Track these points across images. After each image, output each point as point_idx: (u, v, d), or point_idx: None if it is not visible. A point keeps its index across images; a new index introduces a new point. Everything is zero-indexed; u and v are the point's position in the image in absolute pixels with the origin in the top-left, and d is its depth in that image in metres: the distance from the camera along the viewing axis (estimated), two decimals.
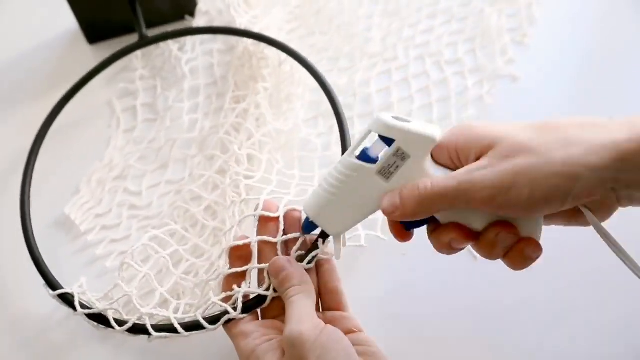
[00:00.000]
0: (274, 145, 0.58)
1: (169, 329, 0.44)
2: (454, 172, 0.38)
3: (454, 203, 0.38)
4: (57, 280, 0.49)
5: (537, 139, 0.36)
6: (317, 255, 0.44)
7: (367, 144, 0.40)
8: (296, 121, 0.61)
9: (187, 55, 0.68)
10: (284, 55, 0.60)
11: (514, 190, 0.35)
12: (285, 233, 0.45)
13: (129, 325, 0.45)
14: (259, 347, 0.41)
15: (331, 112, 0.60)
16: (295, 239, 0.45)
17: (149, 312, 0.45)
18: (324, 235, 0.44)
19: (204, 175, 0.57)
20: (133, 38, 0.64)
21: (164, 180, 0.60)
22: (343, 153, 0.47)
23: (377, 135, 0.39)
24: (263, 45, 0.60)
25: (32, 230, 0.52)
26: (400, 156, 0.39)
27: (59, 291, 0.47)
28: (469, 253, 0.51)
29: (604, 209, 0.37)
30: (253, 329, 0.42)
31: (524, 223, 0.39)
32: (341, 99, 0.61)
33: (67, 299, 0.47)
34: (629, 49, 0.63)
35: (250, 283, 0.45)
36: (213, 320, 0.44)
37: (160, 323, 0.45)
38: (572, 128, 0.36)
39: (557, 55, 0.64)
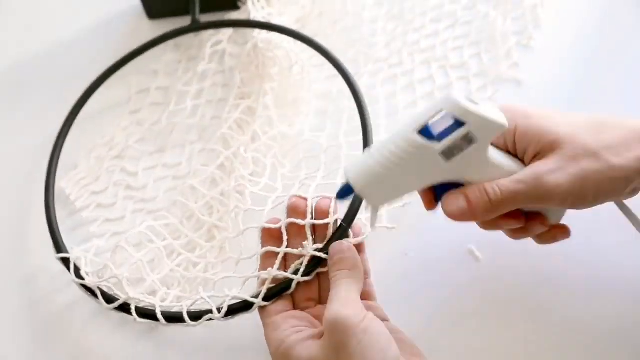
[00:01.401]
0: (280, 150, 0.58)
1: (152, 315, 0.46)
2: (521, 175, 0.40)
3: (525, 205, 0.41)
4: (64, 245, 0.51)
5: (598, 142, 0.40)
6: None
7: (431, 120, 0.39)
8: (302, 127, 0.61)
9: (216, 37, 0.68)
10: (294, 57, 0.60)
11: (582, 192, 0.39)
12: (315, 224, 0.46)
13: (116, 305, 0.46)
14: (288, 337, 0.41)
15: (338, 119, 0.61)
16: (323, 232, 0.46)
17: (135, 297, 0.46)
18: (349, 221, 0.45)
19: (205, 171, 0.57)
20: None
21: (161, 163, 0.60)
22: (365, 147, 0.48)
23: (444, 112, 0.38)
24: (274, 44, 0.61)
25: (53, 199, 0.55)
26: (468, 140, 0.38)
27: (61, 255, 0.50)
28: (470, 254, 0.51)
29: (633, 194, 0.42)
30: (284, 319, 0.43)
31: (553, 212, 0.43)
32: (347, 105, 0.61)
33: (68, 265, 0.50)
34: (635, 51, 0.63)
35: (242, 288, 0.46)
36: (196, 316, 0.45)
37: (146, 307, 0.46)
38: (628, 132, 0.40)
39: (562, 58, 0.64)
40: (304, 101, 0.63)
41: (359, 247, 0.46)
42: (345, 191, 0.42)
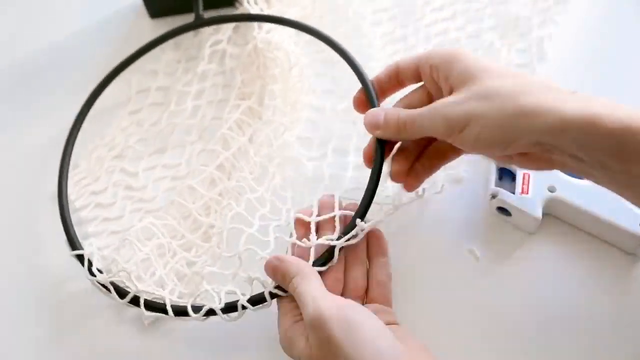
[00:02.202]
0: (281, 158, 0.58)
1: (161, 308, 0.47)
2: (427, 106, 0.43)
3: (422, 131, 0.43)
4: (78, 241, 0.52)
5: (500, 88, 0.40)
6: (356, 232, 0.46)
7: None
8: (298, 134, 0.61)
9: (215, 37, 0.67)
10: (294, 59, 0.60)
11: (467, 129, 0.40)
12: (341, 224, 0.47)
13: (127, 299, 0.48)
14: (291, 326, 0.41)
15: (326, 139, 0.60)
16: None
17: (145, 290, 0.48)
18: (362, 215, 0.46)
19: (204, 171, 0.56)
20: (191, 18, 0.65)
21: (161, 164, 0.60)
22: None
23: None
24: (274, 45, 0.61)
25: (66, 194, 0.56)
26: None
27: (76, 252, 0.51)
28: (470, 254, 0.51)
29: (540, 162, 0.42)
30: (292, 307, 0.43)
31: None
32: (339, 126, 0.61)
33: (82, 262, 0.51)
34: None
35: (252, 288, 0.46)
36: (197, 309, 0.46)
37: (154, 300, 0.48)
38: (539, 88, 0.39)
39: None
40: (303, 105, 0.62)
41: (380, 249, 0.48)
42: None
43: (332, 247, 0.45)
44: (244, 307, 0.45)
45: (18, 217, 0.59)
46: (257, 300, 0.45)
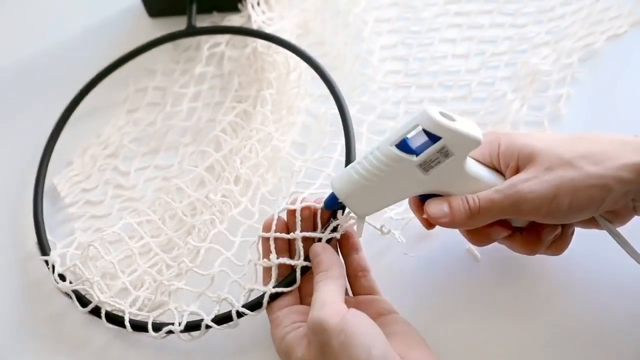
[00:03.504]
0: (268, 165, 0.57)
1: (120, 322, 0.47)
2: (499, 187, 0.42)
3: (502, 215, 0.42)
4: (49, 247, 0.54)
5: (573, 152, 0.41)
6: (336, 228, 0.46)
7: (408, 134, 0.41)
8: (290, 139, 0.59)
9: (214, 39, 0.67)
10: (293, 64, 0.60)
11: (556, 200, 0.40)
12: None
13: (89, 308, 0.49)
14: (288, 334, 0.42)
15: (319, 143, 0.59)
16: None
17: (106, 301, 0.48)
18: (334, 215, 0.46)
19: (193, 171, 0.56)
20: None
21: (153, 164, 0.61)
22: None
23: (420, 127, 0.41)
24: (273, 49, 0.60)
25: (41, 196, 0.57)
26: (444, 153, 0.40)
27: (44, 257, 0.53)
28: (469, 254, 0.51)
29: (622, 216, 0.44)
30: (286, 315, 0.44)
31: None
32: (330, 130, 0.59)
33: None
34: None
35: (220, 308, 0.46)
36: (158, 327, 0.46)
37: (114, 312, 0.48)
38: (605, 144, 0.41)
39: None
40: (298, 110, 0.61)
41: (353, 246, 0.48)
42: (331, 201, 0.45)
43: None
44: (207, 327, 0.45)
45: (13, 216, 0.59)
46: (222, 319, 0.45)
